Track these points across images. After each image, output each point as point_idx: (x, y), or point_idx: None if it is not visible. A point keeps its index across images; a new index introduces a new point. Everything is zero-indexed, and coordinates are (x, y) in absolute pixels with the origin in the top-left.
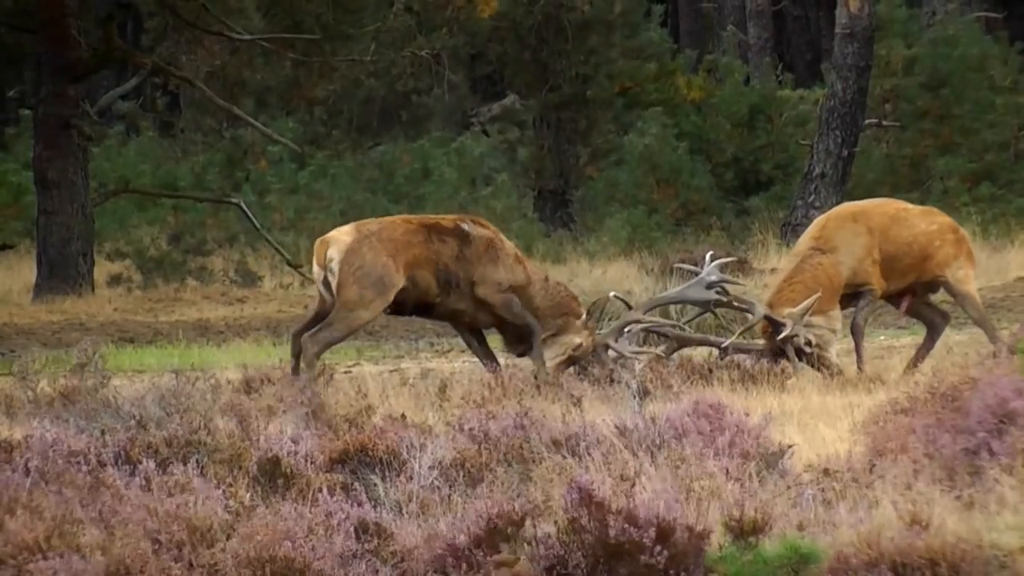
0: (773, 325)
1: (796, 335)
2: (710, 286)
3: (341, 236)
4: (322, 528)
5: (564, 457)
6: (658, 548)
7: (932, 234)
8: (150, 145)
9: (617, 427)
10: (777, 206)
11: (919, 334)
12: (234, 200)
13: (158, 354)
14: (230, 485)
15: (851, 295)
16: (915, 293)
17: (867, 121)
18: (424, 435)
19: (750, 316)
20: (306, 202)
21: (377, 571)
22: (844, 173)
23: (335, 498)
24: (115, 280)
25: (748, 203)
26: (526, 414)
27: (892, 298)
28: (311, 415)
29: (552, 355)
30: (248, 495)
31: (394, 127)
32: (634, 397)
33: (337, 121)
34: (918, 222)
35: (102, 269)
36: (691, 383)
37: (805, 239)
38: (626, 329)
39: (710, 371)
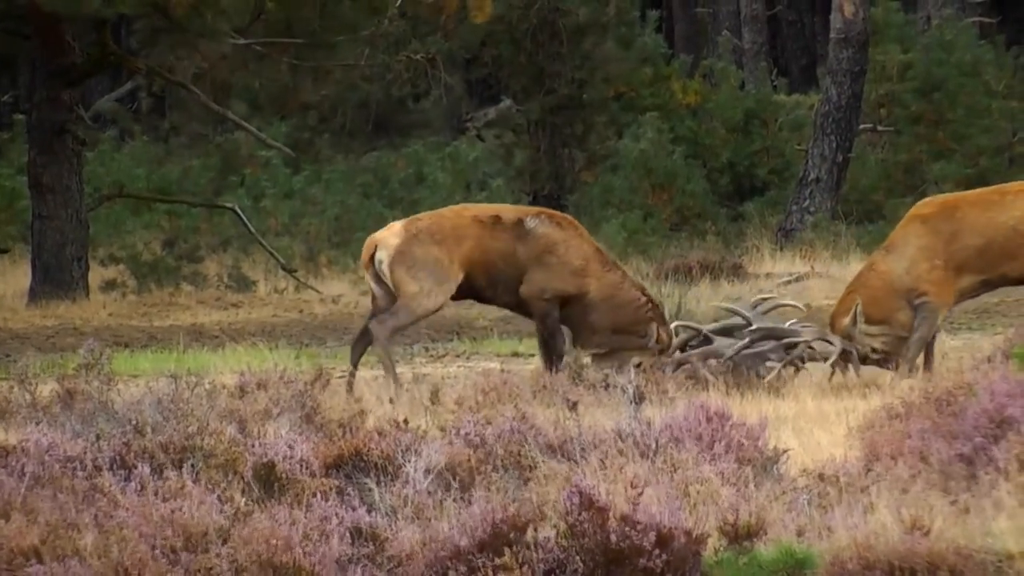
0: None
1: (849, 350)
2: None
3: (390, 238)
4: (317, 533)
5: (560, 462)
6: (657, 552)
7: None
8: (144, 150)
9: (614, 432)
10: (772, 211)
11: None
12: (229, 205)
13: (153, 359)
14: (225, 490)
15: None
16: None
17: (862, 126)
18: (419, 440)
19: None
20: (301, 207)
21: (374, 575)
22: (839, 178)
23: (330, 503)
24: (109, 285)
25: (743, 208)
26: (522, 418)
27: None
28: (305, 419)
29: (605, 367)
30: (243, 500)
31: (389, 132)
32: (630, 402)
33: (331, 126)
34: None
35: (96, 274)
36: (686, 388)
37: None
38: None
39: (705, 376)
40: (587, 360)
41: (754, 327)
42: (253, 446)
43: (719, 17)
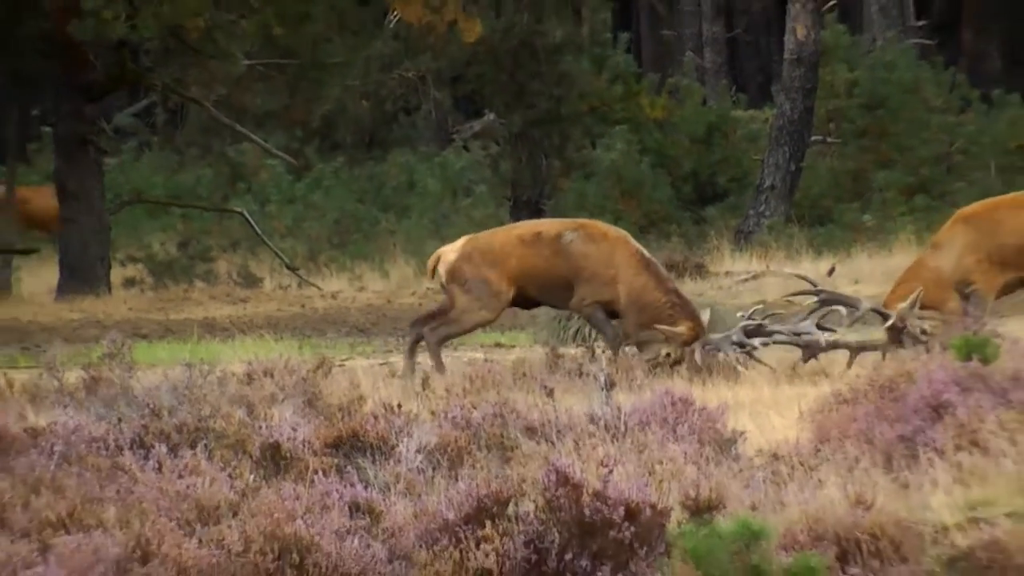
0: (882, 316)
1: (906, 325)
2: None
3: (449, 254)
4: (318, 507)
5: (538, 443)
6: (626, 524)
7: None
8: (160, 159)
9: (587, 416)
10: (731, 215)
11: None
12: (238, 209)
13: (169, 349)
14: (235, 468)
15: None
16: None
17: (813, 138)
18: (411, 423)
19: (856, 311)
20: (302, 211)
21: (369, 546)
22: (792, 185)
23: (330, 480)
24: (129, 282)
25: (705, 212)
26: (504, 404)
27: None
28: (307, 403)
29: (645, 356)
30: (251, 477)
31: (382, 143)
32: (602, 389)
33: (331, 138)
34: None
35: (117, 272)
36: (653, 376)
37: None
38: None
39: (671, 365)
40: (631, 350)
41: (820, 288)
42: (260, 428)
43: (683, 39)
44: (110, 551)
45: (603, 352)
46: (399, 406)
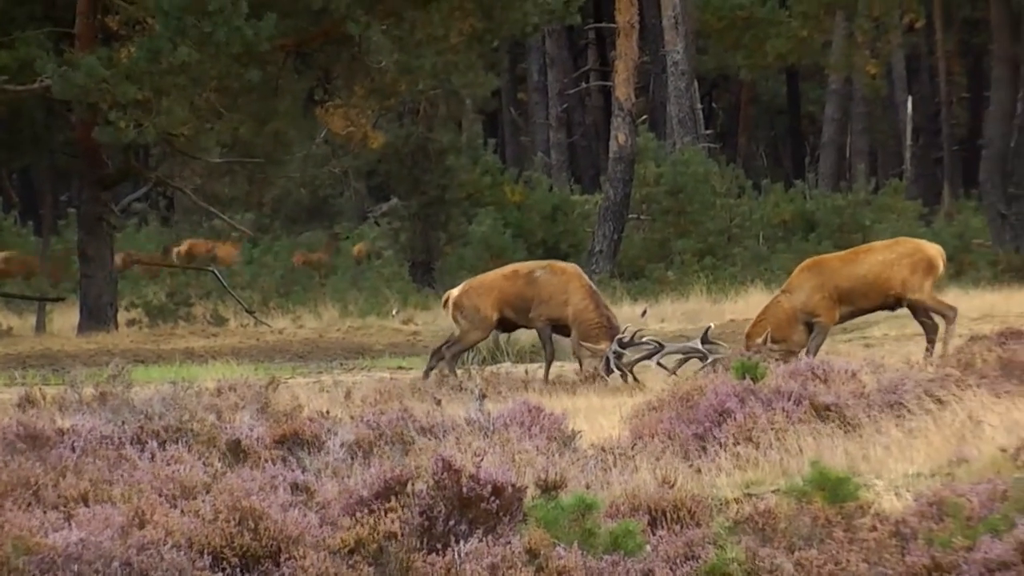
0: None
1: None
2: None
3: (453, 293)
4: (268, 487)
5: (429, 439)
6: (493, 499)
7: (889, 263)
8: (155, 232)
9: (465, 419)
10: None
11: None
12: (210, 268)
13: (160, 371)
14: (207, 458)
15: (810, 324)
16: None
17: (630, 215)
18: (336, 424)
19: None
20: (258, 269)
21: (306, 515)
22: (615, 250)
23: (277, 466)
24: (131, 322)
25: None
26: (405, 410)
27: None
28: (260, 410)
29: (581, 362)
30: (219, 464)
31: (317, 219)
32: (476, 399)
33: (279, 215)
34: (876, 255)
35: (122, 314)
36: (514, 390)
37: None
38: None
39: (525, 383)
40: (577, 363)
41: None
42: (226, 428)
43: (535, 143)
44: (116, 519)
45: (477, 373)
46: (327, 412)
